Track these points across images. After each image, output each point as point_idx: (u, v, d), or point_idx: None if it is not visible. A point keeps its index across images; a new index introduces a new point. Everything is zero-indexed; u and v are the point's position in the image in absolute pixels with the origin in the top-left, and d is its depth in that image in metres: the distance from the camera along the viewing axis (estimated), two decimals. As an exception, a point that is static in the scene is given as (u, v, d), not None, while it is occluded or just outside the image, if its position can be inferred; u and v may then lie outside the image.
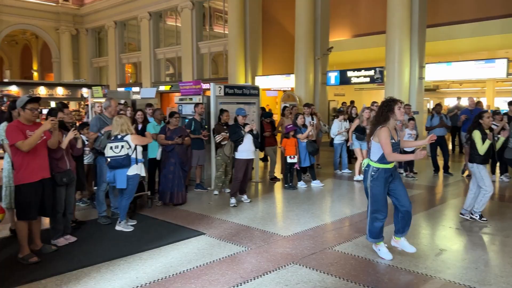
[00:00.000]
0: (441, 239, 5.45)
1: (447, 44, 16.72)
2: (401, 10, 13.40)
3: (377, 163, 4.34)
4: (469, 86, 23.41)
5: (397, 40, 13.51)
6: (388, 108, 4.30)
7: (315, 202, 7.27)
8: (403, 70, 13.63)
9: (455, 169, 10.33)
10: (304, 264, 4.41)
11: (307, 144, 8.36)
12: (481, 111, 6.34)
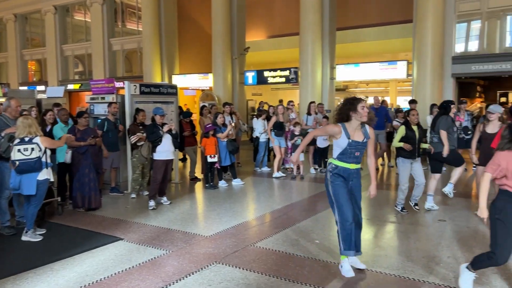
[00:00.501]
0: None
1: (355, 47, 17.87)
2: (313, 13, 14.02)
3: (336, 160, 4.03)
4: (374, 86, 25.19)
5: (309, 42, 14.10)
6: (350, 106, 3.92)
7: (236, 200, 7.32)
8: (316, 71, 14.27)
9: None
10: (227, 263, 4.41)
11: (227, 143, 8.39)
12: (410, 108, 6.76)
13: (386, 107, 11.36)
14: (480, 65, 12.50)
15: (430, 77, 12.23)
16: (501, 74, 12.86)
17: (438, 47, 12.30)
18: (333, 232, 5.49)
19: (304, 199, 7.51)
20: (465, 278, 3.63)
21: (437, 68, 12.31)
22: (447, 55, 12.70)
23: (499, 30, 12.82)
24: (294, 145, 9.23)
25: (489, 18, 12.86)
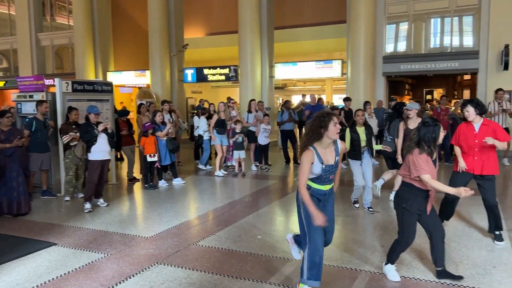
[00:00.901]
0: (295, 224, 5.90)
1: (293, 46, 18.25)
2: (251, 12, 14.13)
3: (310, 181, 3.55)
4: (312, 84, 25.94)
5: (248, 40, 14.20)
6: (320, 123, 3.43)
7: (177, 200, 7.21)
8: (255, 69, 14.41)
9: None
10: (169, 263, 4.34)
11: (167, 142, 8.23)
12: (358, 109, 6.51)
13: (322, 105, 11.75)
14: (408, 65, 13.27)
15: (363, 75, 12.80)
16: (427, 73, 13.74)
17: (370, 47, 12.90)
18: (275, 227, 5.61)
19: (246, 196, 7.56)
20: (390, 271, 3.93)
21: (369, 67, 12.91)
22: (379, 55, 13.36)
23: (424, 32, 13.70)
24: (235, 143, 9.26)
25: (415, 21, 13.69)
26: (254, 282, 3.88)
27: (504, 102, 10.05)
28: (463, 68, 12.86)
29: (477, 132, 4.71)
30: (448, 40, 13.23)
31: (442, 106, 10.73)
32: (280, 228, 5.68)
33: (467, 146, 4.81)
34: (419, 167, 3.57)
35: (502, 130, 4.69)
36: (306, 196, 3.43)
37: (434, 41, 13.61)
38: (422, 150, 3.61)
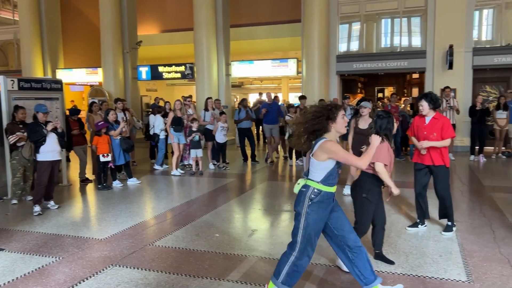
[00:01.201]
0: (253, 221, 5.98)
1: (249, 44, 18.31)
2: (206, 9, 14.02)
3: (320, 184, 3.21)
4: (268, 82, 26.17)
5: (204, 37, 14.09)
6: (328, 115, 3.20)
7: (132, 200, 7.05)
8: (212, 67, 14.32)
9: (260, 157, 11.47)
10: (124, 265, 4.25)
11: (120, 141, 8.03)
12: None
13: (278, 103, 11.87)
14: (360, 64, 13.67)
15: (318, 74, 13.04)
16: (378, 72, 14.21)
17: (324, 46, 13.17)
18: (233, 225, 5.62)
19: (203, 194, 7.53)
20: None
21: (323, 66, 13.18)
22: (332, 54, 13.67)
23: (376, 32, 14.16)
24: (192, 141, 9.18)
25: (367, 21, 14.12)
26: (212, 280, 3.87)
27: (451, 100, 10.60)
28: (411, 67, 13.43)
29: (427, 124, 4.95)
30: (397, 40, 13.74)
31: (392, 103, 11.16)
32: (238, 225, 5.70)
33: (418, 137, 5.06)
34: (378, 154, 3.74)
35: (449, 127, 4.93)
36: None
37: (385, 41, 14.11)
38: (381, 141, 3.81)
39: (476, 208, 6.27)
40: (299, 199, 3.27)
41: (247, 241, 4.94)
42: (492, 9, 12.74)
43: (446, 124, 4.92)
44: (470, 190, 7.58)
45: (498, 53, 12.23)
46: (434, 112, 4.95)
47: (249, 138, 10.70)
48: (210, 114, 10.00)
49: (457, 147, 11.71)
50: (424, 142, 4.91)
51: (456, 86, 12.07)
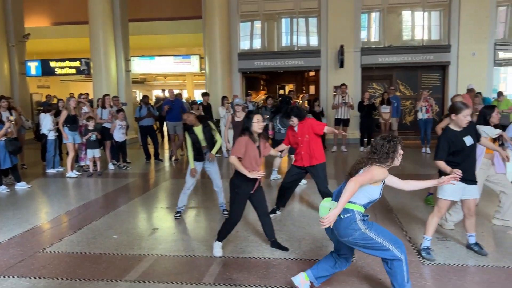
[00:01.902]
0: (155, 219, 5.91)
1: (150, 39, 17.83)
2: (102, 2, 13.35)
3: (362, 208, 3.18)
4: (172, 79, 25.72)
5: (101, 31, 13.41)
6: (396, 147, 3.13)
7: (21, 206, 6.52)
8: (110, 62, 13.70)
9: (163, 155, 11.31)
10: (10, 274, 3.95)
11: (6, 142, 7.35)
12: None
13: (181, 100, 11.79)
14: (261, 62, 14.13)
15: (221, 71, 13.20)
16: (278, 69, 14.80)
17: (226, 43, 13.35)
18: (133, 225, 5.50)
19: (103, 195, 7.23)
20: (216, 248, 4.35)
21: (226, 63, 13.37)
22: (234, 51, 13.93)
23: (276, 31, 14.74)
24: (88, 141, 8.73)
25: (267, 20, 14.62)
26: (108, 282, 3.78)
27: (346, 96, 11.45)
28: (308, 65, 14.22)
29: (297, 132, 5.46)
30: (295, 39, 14.45)
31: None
32: (139, 225, 5.59)
33: (294, 143, 5.53)
34: (233, 147, 4.19)
35: (316, 122, 5.51)
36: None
37: (284, 40, 14.74)
38: (242, 135, 4.19)
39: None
40: (352, 225, 3.10)
41: (147, 240, 4.88)
42: (377, 12, 13.99)
43: (312, 122, 5.45)
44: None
45: (382, 53, 13.50)
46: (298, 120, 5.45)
47: (151, 136, 10.49)
48: (108, 112, 9.59)
49: (349, 140, 12.67)
50: (326, 128, 5.45)
51: (347, 83, 13.03)
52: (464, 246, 4.43)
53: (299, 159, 5.51)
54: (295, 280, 3.50)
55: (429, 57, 13.21)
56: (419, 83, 13.63)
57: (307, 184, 7.51)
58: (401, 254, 3.15)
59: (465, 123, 3.96)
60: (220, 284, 3.70)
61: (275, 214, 5.68)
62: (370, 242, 3.12)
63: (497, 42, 13.07)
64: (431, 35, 13.83)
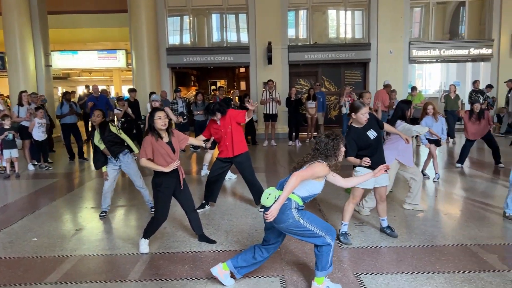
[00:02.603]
0: (79, 219, 5.71)
1: (72, 33, 16.94)
2: (17, -8, 12.48)
3: (300, 199, 3.32)
4: (99, 74, 24.67)
5: (16, 23, 12.52)
6: (338, 144, 3.32)
7: None
8: (27, 57, 12.85)
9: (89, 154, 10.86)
10: None
11: None
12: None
13: (106, 96, 11.41)
14: (190, 57, 14.03)
15: (148, 67, 12.91)
16: (208, 65, 14.80)
17: (153, 38, 13.08)
18: (55, 226, 5.27)
19: (21, 197, 6.83)
20: (142, 245, 4.32)
21: (154, 58, 13.10)
22: (162, 46, 13.70)
23: (207, 26, 14.71)
24: (4, 141, 8.17)
25: (197, 15, 14.54)
26: (27, 285, 3.62)
27: (274, 92, 11.74)
28: (237, 61, 14.37)
29: (220, 124, 5.57)
30: (225, 35, 14.51)
31: (220, 96, 11.80)
32: (62, 226, 5.36)
33: (218, 137, 5.62)
34: (140, 151, 4.17)
35: (237, 112, 5.69)
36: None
37: (214, 36, 14.75)
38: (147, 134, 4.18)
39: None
40: (288, 212, 3.25)
41: (70, 241, 4.72)
42: (303, 10, 14.47)
43: (232, 113, 5.61)
44: (287, 171, 8.61)
45: (308, 51, 13.99)
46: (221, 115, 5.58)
47: (74, 134, 10.03)
48: (26, 110, 9.03)
49: (278, 134, 13.03)
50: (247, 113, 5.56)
51: (276, 79, 13.38)
52: (378, 230, 4.81)
53: (224, 150, 5.62)
54: (213, 271, 3.58)
55: (351, 55, 13.93)
56: (342, 79, 14.34)
57: (237, 178, 7.65)
58: (332, 240, 3.32)
59: (364, 120, 4.28)
60: (146, 280, 3.70)
61: (204, 209, 5.75)
62: (302, 230, 3.28)
63: (411, 41, 14.11)
64: (354, 34, 14.60)
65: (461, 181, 7.37)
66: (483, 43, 14.03)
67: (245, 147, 5.69)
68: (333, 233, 3.35)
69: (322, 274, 3.36)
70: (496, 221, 5.10)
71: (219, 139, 5.64)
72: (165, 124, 4.14)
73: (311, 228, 3.29)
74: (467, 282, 3.52)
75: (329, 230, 3.34)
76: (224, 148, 5.62)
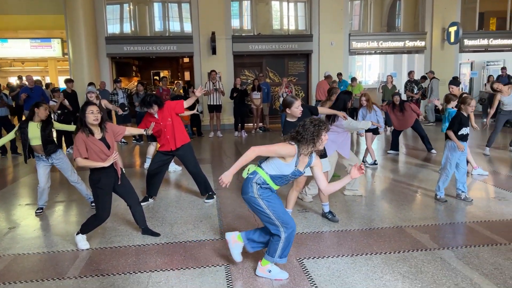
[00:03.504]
0: (13, 217, 5.38)
1: (2, 19, 15.79)
2: None
3: (267, 176, 3.32)
4: (32, 64, 23.11)
5: None
6: (319, 131, 3.20)
7: None
8: (-50, 44, 11.85)
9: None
10: None
11: None
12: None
13: (41, 87, 10.80)
14: (131, 46, 13.57)
15: (86, 56, 12.34)
16: (150, 55, 14.37)
17: (91, 26, 12.51)
18: (-17, 226, 4.94)
19: None
20: (80, 241, 4.16)
21: (92, 48, 12.54)
22: (101, 35, 13.13)
23: (148, 15, 14.26)
24: None
25: (138, 3, 14.06)
26: (-47, 290, 3.38)
27: (217, 82, 11.65)
28: (181, 51, 14.10)
29: (158, 118, 5.41)
30: (168, 24, 14.18)
31: (163, 86, 11.56)
32: (-8, 225, 5.05)
33: (157, 131, 5.43)
34: (73, 151, 3.96)
35: (174, 102, 5.56)
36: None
37: (157, 25, 14.36)
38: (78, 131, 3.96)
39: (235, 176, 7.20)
40: (249, 187, 3.32)
41: (2, 241, 4.45)
42: (247, 1, 14.45)
43: (170, 104, 5.50)
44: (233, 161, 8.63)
45: (252, 41, 14.03)
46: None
47: (6, 128, 9.40)
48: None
49: (224, 125, 13.01)
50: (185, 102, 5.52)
51: (220, 70, 13.32)
52: (320, 216, 4.96)
53: (166, 144, 5.49)
54: (228, 235, 3.61)
55: (294, 46, 14.14)
56: (286, 70, 14.55)
57: (182, 170, 7.57)
58: (284, 234, 3.30)
59: (299, 113, 4.38)
60: (86, 276, 3.57)
61: (148, 202, 5.63)
62: (259, 209, 3.30)
63: (351, 33, 14.57)
64: (297, 25, 14.82)
65: (397, 167, 7.77)
66: (417, 36, 14.78)
67: (187, 138, 5.60)
68: (289, 229, 3.31)
69: (268, 259, 3.42)
70: (428, 203, 5.44)
71: (159, 132, 5.46)
72: (98, 119, 3.92)
73: (267, 212, 3.29)
74: (401, 261, 3.74)
75: (286, 224, 3.30)
76: (165, 141, 5.48)
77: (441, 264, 3.65)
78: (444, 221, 4.76)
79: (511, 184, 6.35)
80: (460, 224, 4.70)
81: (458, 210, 5.17)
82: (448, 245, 4.06)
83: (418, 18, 15.14)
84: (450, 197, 5.56)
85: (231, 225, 4.73)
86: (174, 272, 3.62)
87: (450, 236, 4.35)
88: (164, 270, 3.65)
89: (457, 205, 5.31)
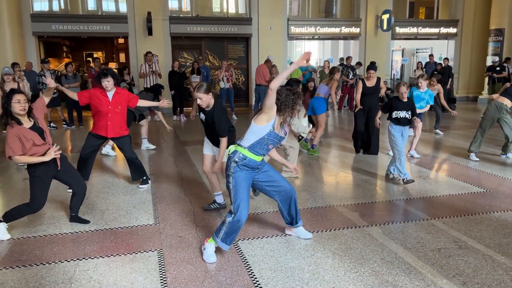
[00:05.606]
0: None
1: None
2: None
3: (245, 150, 3.40)
4: None
5: None
6: (296, 100, 3.37)
7: None
8: None
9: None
10: None
11: None
12: None
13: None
14: (61, 25, 12.71)
15: (10, 35, 11.40)
16: (81, 35, 13.60)
17: (14, 2, 11.56)
18: None
19: None
20: (1, 231, 3.87)
21: (16, 26, 11.60)
22: (26, 12, 12.18)
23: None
24: None
25: (66, -20, 13.20)
26: None
27: (153, 64, 11.26)
28: (114, 31, 13.46)
29: (111, 100, 5.14)
30: (101, 3, 13.45)
31: (96, 68, 11.00)
32: None
33: (98, 111, 5.16)
34: (6, 149, 3.59)
35: (132, 95, 5.41)
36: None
37: (89, 4, 13.58)
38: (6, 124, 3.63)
39: (170, 160, 7.07)
40: (228, 163, 3.44)
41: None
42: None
43: (129, 95, 5.35)
44: (171, 146, 8.46)
45: (191, 23, 13.71)
46: (114, 87, 5.17)
47: None
48: None
49: (163, 109, 12.65)
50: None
51: (158, 52, 12.91)
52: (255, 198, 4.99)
53: (103, 128, 5.19)
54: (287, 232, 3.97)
55: (234, 29, 14.01)
56: (226, 53, 14.40)
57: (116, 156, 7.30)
58: (231, 218, 3.32)
59: None
60: (6, 268, 3.33)
61: (147, 184, 5.52)
62: (228, 185, 3.42)
63: (289, 18, 14.68)
64: (237, 8, 14.67)
65: (332, 151, 8.01)
66: (353, 23, 15.21)
67: (126, 131, 5.38)
68: (236, 216, 3.31)
69: (214, 238, 3.44)
70: (359, 183, 5.67)
71: (99, 113, 5.14)
72: (25, 109, 3.60)
73: (231, 189, 3.40)
74: (332, 238, 3.86)
75: (236, 210, 3.32)
76: (103, 126, 5.17)
77: (369, 240, 3.82)
78: (373, 200, 4.98)
79: (433, 164, 6.78)
80: (388, 202, 4.94)
81: (388, 189, 5.43)
82: (376, 222, 4.26)
83: (354, 5, 15.57)
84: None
85: (167, 210, 4.63)
86: (103, 259, 3.48)
87: (379, 213, 4.56)
88: (92, 258, 3.50)
89: (386, 185, 5.59)
